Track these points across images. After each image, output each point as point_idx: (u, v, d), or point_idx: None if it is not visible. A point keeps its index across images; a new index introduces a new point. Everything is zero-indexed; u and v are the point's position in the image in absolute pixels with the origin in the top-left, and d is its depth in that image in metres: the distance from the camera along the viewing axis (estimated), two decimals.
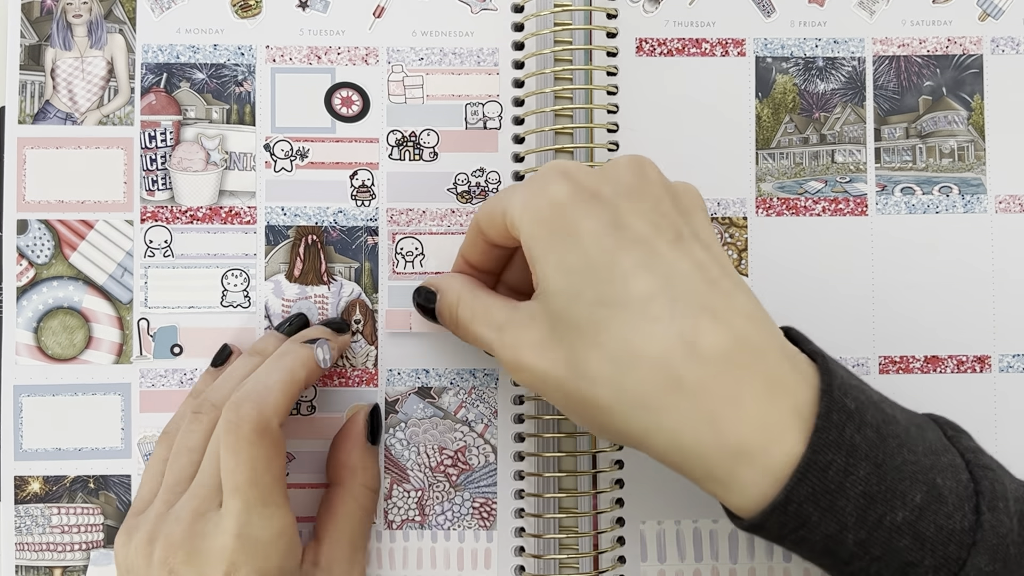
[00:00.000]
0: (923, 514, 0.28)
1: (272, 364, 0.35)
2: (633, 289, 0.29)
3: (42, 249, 0.40)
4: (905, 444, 0.29)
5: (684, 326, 0.28)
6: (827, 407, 0.28)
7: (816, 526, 0.28)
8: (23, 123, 0.40)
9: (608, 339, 0.29)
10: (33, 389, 0.39)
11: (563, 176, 0.31)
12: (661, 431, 0.28)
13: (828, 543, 0.28)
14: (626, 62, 0.41)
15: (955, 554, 0.28)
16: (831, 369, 0.29)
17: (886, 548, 0.28)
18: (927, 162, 0.41)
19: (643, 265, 0.29)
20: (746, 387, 0.28)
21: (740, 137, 0.41)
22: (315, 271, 0.40)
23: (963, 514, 0.28)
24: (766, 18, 0.41)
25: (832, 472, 0.27)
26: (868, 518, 0.28)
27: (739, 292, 0.30)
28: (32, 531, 0.39)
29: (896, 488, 0.28)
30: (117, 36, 0.40)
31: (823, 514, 0.28)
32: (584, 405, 0.30)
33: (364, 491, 0.37)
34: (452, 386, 0.40)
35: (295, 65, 0.40)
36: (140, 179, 0.40)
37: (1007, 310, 0.40)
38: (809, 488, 0.27)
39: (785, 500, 0.27)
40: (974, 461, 0.30)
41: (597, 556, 0.39)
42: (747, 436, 0.28)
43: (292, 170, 0.40)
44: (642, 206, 0.30)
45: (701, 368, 0.28)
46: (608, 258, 0.29)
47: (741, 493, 0.28)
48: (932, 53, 0.41)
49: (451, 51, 0.40)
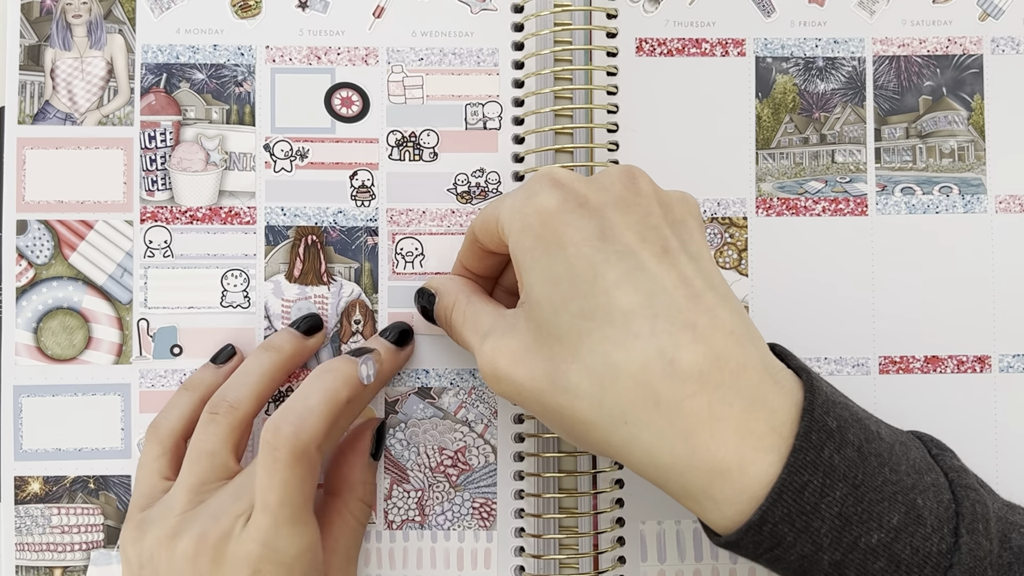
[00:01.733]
0: (899, 536, 0.28)
1: (315, 382, 0.34)
2: (616, 303, 0.29)
3: (42, 249, 0.40)
4: (887, 463, 0.29)
5: (664, 343, 0.28)
6: (807, 427, 0.28)
7: (791, 546, 0.28)
8: (23, 123, 0.40)
9: (589, 352, 0.29)
10: (33, 389, 0.39)
11: (553, 185, 0.31)
12: (639, 446, 0.28)
13: (803, 563, 0.28)
14: (626, 62, 0.41)
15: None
16: (815, 387, 0.29)
17: (861, 570, 0.28)
18: (927, 162, 0.41)
19: (627, 279, 0.29)
20: (723, 406, 0.28)
21: (740, 137, 0.41)
22: (315, 271, 0.40)
23: (941, 536, 0.28)
24: (766, 18, 0.41)
25: (808, 493, 0.27)
26: (843, 540, 0.28)
27: (723, 307, 0.30)
28: (32, 531, 0.39)
29: (873, 510, 0.28)
30: (117, 36, 0.40)
31: (798, 535, 0.28)
32: (563, 418, 0.30)
33: (361, 506, 0.37)
34: (452, 386, 0.40)
35: (295, 65, 0.40)
36: (140, 179, 0.40)
37: (1007, 310, 0.40)
38: (784, 509, 0.27)
39: (760, 520, 0.27)
40: (957, 481, 0.30)
41: (597, 556, 0.39)
42: (722, 455, 0.28)
43: (292, 170, 0.40)
44: (630, 217, 0.30)
45: (679, 386, 0.28)
46: (592, 270, 0.29)
47: (717, 511, 0.28)
48: (932, 53, 0.41)
49: (451, 51, 0.40)
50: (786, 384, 0.29)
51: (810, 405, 0.28)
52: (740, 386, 0.28)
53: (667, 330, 0.28)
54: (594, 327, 0.29)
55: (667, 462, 0.28)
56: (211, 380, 0.38)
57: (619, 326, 0.28)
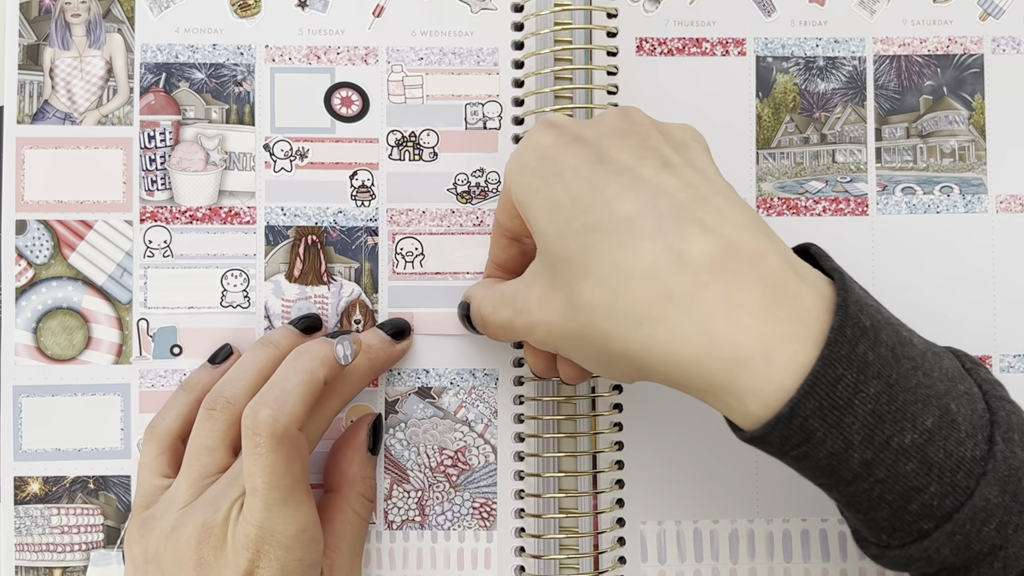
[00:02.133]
0: (932, 438, 0.27)
1: (290, 364, 0.34)
2: (618, 211, 0.28)
3: (41, 249, 0.39)
4: (920, 367, 0.28)
5: (671, 238, 0.28)
6: (841, 321, 0.27)
7: (820, 442, 0.27)
8: (22, 123, 0.40)
9: (598, 264, 0.28)
10: (32, 390, 0.39)
11: (548, 126, 0.32)
12: (656, 345, 0.28)
13: (831, 461, 0.27)
14: (626, 62, 0.40)
15: (963, 482, 0.27)
16: (848, 285, 0.28)
17: (891, 470, 0.27)
18: (928, 162, 0.41)
19: (627, 189, 0.29)
20: (740, 294, 0.27)
21: (740, 137, 0.41)
22: (315, 271, 0.40)
23: (975, 442, 0.27)
24: (766, 17, 0.41)
25: (841, 388, 0.26)
26: (875, 438, 0.27)
27: (733, 207, 0.29)
28: (32, 532, 0.39)
29: (907, 410, 0.27)
30: (116, 36, 0.40)
31: (828, 430, 0.26)
32: (585, 339, 0.29)
33: (361, 501, 0.37)
34: (452, 386, 0.40)
35: (294, 65, 0.40)
36: (139, 179, 0.40)
37: (1007, 310, 0.40)
38: (816, 403, 0.26)
39: (790, 413, 0.26)
40: (991, 392, 0.29)
41: (597, 556, 0.39)
42: (744, 344, 0.27)
43: (292, 170, 0.40)
44: (626, 142, 0.31)
45: (690, 277, 0.27)
46: (592, 188, 0.29)
47: (741, 406, 0.27)
48: (933, 53, 0.41)
49: (451, 51, 0.40)
50: (811, 278, 0.28)
51: (844, 301, 0.27)
52: (759, 273, 0.27)
53: (673, 227, 0.28)
54: (599, 239, 0.28)
55: (686, 355, 0.27)
56: (208, 380, 0.38)
57: (623, 232, 0.28)
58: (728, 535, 0.40)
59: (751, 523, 0.40)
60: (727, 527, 0.40)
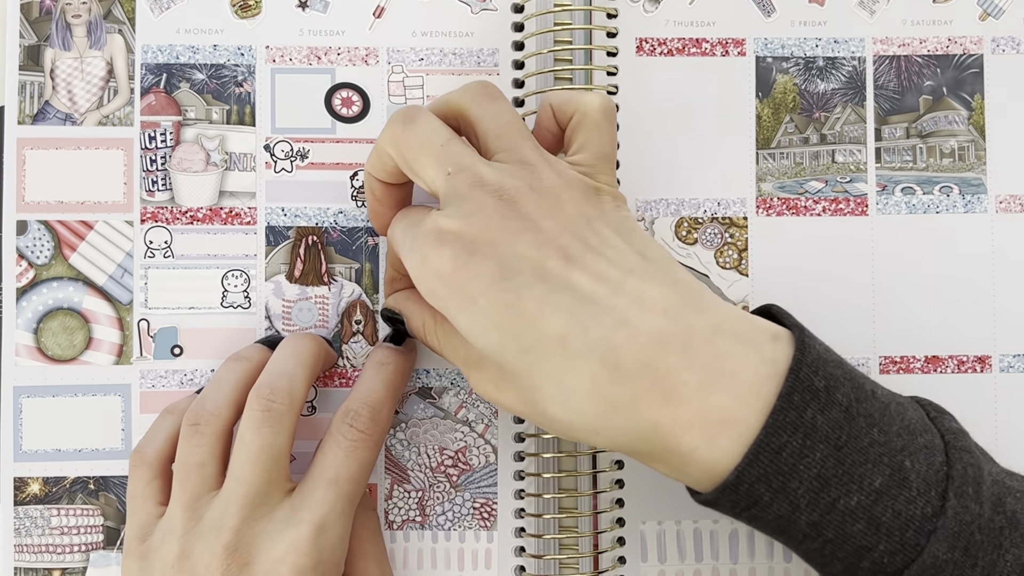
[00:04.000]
0: (880, 499, 0.28)
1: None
2: (545, 332, 0.29)
3: (42, 250, 0.39)
4: (877, 423, 0.29)
5: (603, 353, 0.28)
6: (790, 387, 0.28)
7: (768, 506, 0.28)
8: (22, 124, 0.40)
9: (544, 382, 0.29)
10: (33, 390, 0.39)
11: (438, 242, 0.30)
12: (615, 444, 0.30)
13: (780, 523, 0.28)
14: (626, 62, 0.41)
15: (913, 540, 0.28)
16: (806, 345, 0.29)
17: (839, 531, 0.28)
18: (927, 162, 0.41)
19: (544, 305, 0.29)
20: (677, 389, 0.28)
21: (740, 137, 0.41)
22: (315, 272, 0.40)
23: (927, 500, 0.28)
24: (766, 18, 0.41)
25: (786, 454, 0.27)
26: (821, 501, 0.28)
27: (649, 285, 0.29)
28: (31, 533, 0.39)
29: (855, 471, 0.28)
30: (116, 36, 0.40)
31: (775, 495, 0.28)
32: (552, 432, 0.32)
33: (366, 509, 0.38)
34: (452, 386, 0.40)
35: (295, 65, 0.40)
36: (140, 180, 0.40)
37: (1007, 310, 0.40)
38: (760, 470, 0.27)
39: (736, 481, 0.28)
40: (953, 443, 0.30)
41: (597, 556, 0.39)
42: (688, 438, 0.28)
43: (292, 171, 0.40)
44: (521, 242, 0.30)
45: (629, 386, 0.28)
46: (511, 311, 0.29)
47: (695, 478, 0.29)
48: (932, 53, 0.41)
49: (451, 51, 0.40)
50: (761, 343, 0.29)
51: (797, 364, 0.28)
52: (692, 363, 0.28)
53: (601, 339, 0.28)
54: (538, 359, 0.29)
55: (643, 450, 0.29)
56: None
57: (557, 352, 0.29)
58: (728, 535, 0.40)
59: None
60: (727, 527, 0.40)
